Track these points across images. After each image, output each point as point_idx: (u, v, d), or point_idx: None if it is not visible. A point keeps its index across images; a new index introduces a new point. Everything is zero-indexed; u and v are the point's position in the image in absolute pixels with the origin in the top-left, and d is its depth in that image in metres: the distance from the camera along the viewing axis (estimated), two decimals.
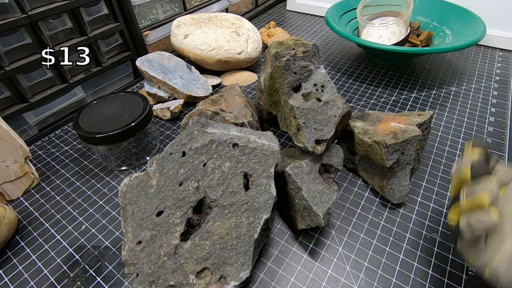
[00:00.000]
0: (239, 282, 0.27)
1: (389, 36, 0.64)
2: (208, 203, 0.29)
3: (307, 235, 0.36)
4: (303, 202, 0.32)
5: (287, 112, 0.36)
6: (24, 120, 0.49)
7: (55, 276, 0.33)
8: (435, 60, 0.67)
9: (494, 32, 0.69)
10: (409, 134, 0.36)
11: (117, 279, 0.32)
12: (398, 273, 0.32)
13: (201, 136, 0.31)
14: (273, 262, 0.33)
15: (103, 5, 0.53)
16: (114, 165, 0.45)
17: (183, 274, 0.27)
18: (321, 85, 0.36)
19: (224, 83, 0.63)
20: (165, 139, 0.50)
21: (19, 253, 0.35)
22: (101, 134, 0.38)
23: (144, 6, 0.63)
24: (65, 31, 0.50)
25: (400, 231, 0.35)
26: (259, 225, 0.28)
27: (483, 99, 0.55)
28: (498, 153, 0.44)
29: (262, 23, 0.89)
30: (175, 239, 0.28)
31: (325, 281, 0.31)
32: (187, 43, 0.60)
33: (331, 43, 0.76)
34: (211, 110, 0.39)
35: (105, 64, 0.56)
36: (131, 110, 0.42)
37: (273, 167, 0.30)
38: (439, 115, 0.52)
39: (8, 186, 0.40)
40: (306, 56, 0.36)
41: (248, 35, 0.62)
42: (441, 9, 0.67)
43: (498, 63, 0.65)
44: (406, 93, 0.57)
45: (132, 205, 0.29)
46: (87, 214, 0.39)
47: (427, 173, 0.42)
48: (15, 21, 0.43)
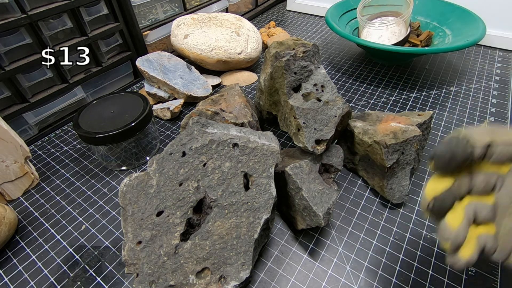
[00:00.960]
0: (239, 282, 0.27)
1: (389, 36, 0.64)
2: (208, 203, 0.29)
3: (307, 235, 0.36)
4: (303, 202, 0.32)
5: (287, 112, 0.36)
6: (24, 120, 0.49)
7: (55, 276, 0.33)
8: (435, 60, 0.67)
9: (494, 32, 0.69)
10: (409, 134, 0.36)
11: (117, 279, 0.32)
12: (398, 273, 0.32)
13: (201, 136, 0.31)
14: (273, 262, 0.33)
15: (103, 5, 0.53)
16: (114, 165, 0.45)
17: (183, 274, 0.27)
18: (321, 85, 0.36)
19: (224, 83, 0.63)
20: (165, 139, 0.50)
21: (19, 253, 0.35)
22: (101, 134, 0.38)
23: (144, 6, 0.63)
24: (65, 31, 0.50)
25: (400, 231, 0.35)
26: (259, 225, 0.28)
27: (483, 99, 0.55)
28: None
29: (262, 23, 0.89)
30: (175, 239, 0.28)
31: (325, 281, 0.31)
32: (187, 43, 0.60)
33: (331, 43, 0.76)
34: (211, 110, 0.39)
35: (105, 64, 0.56)
36: (131, 110, 0.42)
37: (273, 167, 0.30)
38: (439, 115, 0.52)
39: (8, 186, 0.40)
40: (306, 56, 0.36)
41: (248, 35, 0.62)
42: (441, 9, 0.67)
43: (498, 63, 0.65)
44: (406, 93, 0.57)
45: (132, 205, 0.29)
46: (87, 214, 0.39)
47: (427, 173, 0.42)
48: (15, 21, 0.43)
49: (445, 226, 0.21)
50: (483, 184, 0.21)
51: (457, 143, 0.21)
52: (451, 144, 0.21)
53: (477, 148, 0.21)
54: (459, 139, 0.21)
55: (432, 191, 0.22)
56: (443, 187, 0.22)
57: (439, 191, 0.22)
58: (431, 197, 0.22)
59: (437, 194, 0.22)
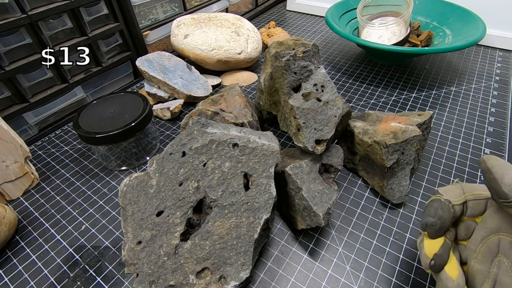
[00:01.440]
0: (239, 282, 0.27)
1: (389, 36, 0.64)
2: (208, 203, 0.29)
3: (307, 235, 0.36)
4: (303, 202, 0.32)
5: (287, 112, 0.36)
6: (24, 120, 0.49)
7: (55, 276, 0.33)
8: (435, 60, 0.67)
9: (494, 32, 0.69)
10: (409, 134, 0.36)
11: (117, 279, 0.32)
12: (398, 273, 0.32)
13: (201, 136, 0.31)
14: (273, 262, 0.33)
15: (103, 5, 0.53)
16: (114, 165, 0.45)
17: (183, 274, 0.27)
18: (321, 85, 0.36)
19: (224, 83, 0.63)
20: (165, 139, 0.50)
21: (19, 253, 0.35)
22: (101, 134, 0.38)
23: (144, 6, 0.63)
24: (65, 31, 0.50)
25: (400, 231, 0.35)
26: (259, 225, 0.28)
27: (483, 99, 0.55)
28: (498, 153, 0.44)
29: (262, 23, 0.89)
30: (175, 239, 0.28)
31: (325, 281, 0.31)
32: (187, 43, 0.60)
33: (331, 43, 0.76)
34: (211, 110, 0.39)
35: (105, 64, 0.56)
36: (131, 110, 0.42)
37: (273, 167, 0.30)
38: (439, 115, 0.52)
39: (8, 186, 0.40)
40: (306, 56, 0.36)
41: (248, 35, 0.62)
42: (441, 9, 0.67)
43: (498, 63, 0.65)
44: (406, 93, 0.57)
45: (132, 205, 0.29)
46: (87, 214, 0.39)
47: (427, 173, 0.42)
48: (15, 21, 0.43)
49: (446, 276, 0.24)
50: (464, 232, 0.26)
51: (443, 208, 0.25)
52: (438, 212, 0.25)
53: (456, 206, 0.25)
54: (443, 203, 0.25)
55: (431, 249, 0.25)
56: (439, 245, 0.25)
57: (437, 249, 0.25)
58: (431, 255, 0.25)
59: (436, 251, 0.25)
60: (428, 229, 0.25)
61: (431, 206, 0.26)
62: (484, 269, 0.23)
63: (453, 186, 0.27)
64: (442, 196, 0.26)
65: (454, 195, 0.25)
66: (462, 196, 0.25)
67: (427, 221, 0.25)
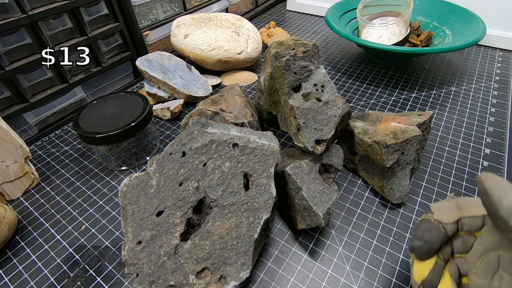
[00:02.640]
0: (239, 282, 0.27)
1: (389, 36, 0.64)
2: (208, 203, 0.29)
3: (307, 235, 0.36)
4: (303, 202, 0.32)
5: (287, 112, 0.36)
6: (24, 120, 0.49)
7: (55, 276, 0.33)
8: (435, 60, 0.67)
9: (494, 32, 0.69)
10: (409, 134, 0.36)
11: (117, 279, 0.32)
12: (398, 273, 0.32)
13: (201, 136, 0.31)
14: (273, 262, 0.33)
15: (103, 5, 0.53)
16: (114, 165, 0.45)
17: (183, 274, 0.27)
18: (321, 85, 0.36)
19: (224, 83, 0.63)
20: (165, 139, 0.50)
21: (19, 253, 0.35)
22: (101, 134, 0.38)
23: (144, 6, 0.63)
24: (65, 31, 0.50)
25: (400, 231, 0.35)
26: (259, 225, 0.28)
27: (483, 99, 0.55)
28: (498, 153, 0.44)
29: (262, 23, 0.89)
30: (175, 239, 0.28)
31: (325, 281, 0.31)
32: (187, 43, 0.60)
33: (331, 43, 0.76)
34: (211, 110, 0.39)
35: (105, 64, 0.56)
36: (131, 110, 0.42)
37: (273, 167, 0.30)
38: (439, 115, 0.52)
39: (8, 186, 0.40)
40: (306, 56, 0.36)
41: (248, 35, 0.62)
42: (441, 9, 0.67)
43: (498, 63, 0.65)
44: (406, 93, 0.57)
45: (132, 205, 0.29)
46: (87, 214, 0.39)
47: (427, 173, 0.42)
48: (15, 21, 0.43)
49: None
50: (462, 247, 0.24)
51: (430, 231, 0.24)
52: (424, 235, 0.24)
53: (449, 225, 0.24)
54: (432, 224, 0.24)
55: (420, 275, 0.24)
56: (428, 268, 0.24)
57: (426, 273, 0.24)
58: (420, 280, 0.24)
59: (424, 277, 0.24)
60: (415, 252, 0.25)
61: (419, 228, 0.25)
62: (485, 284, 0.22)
63: (447, 202, 0.26)
64: (432, 216, 0.25)
65: (447, 213, 0.25)
66: (457, 213, 0.24)
67: (413, 245, 0.25)
